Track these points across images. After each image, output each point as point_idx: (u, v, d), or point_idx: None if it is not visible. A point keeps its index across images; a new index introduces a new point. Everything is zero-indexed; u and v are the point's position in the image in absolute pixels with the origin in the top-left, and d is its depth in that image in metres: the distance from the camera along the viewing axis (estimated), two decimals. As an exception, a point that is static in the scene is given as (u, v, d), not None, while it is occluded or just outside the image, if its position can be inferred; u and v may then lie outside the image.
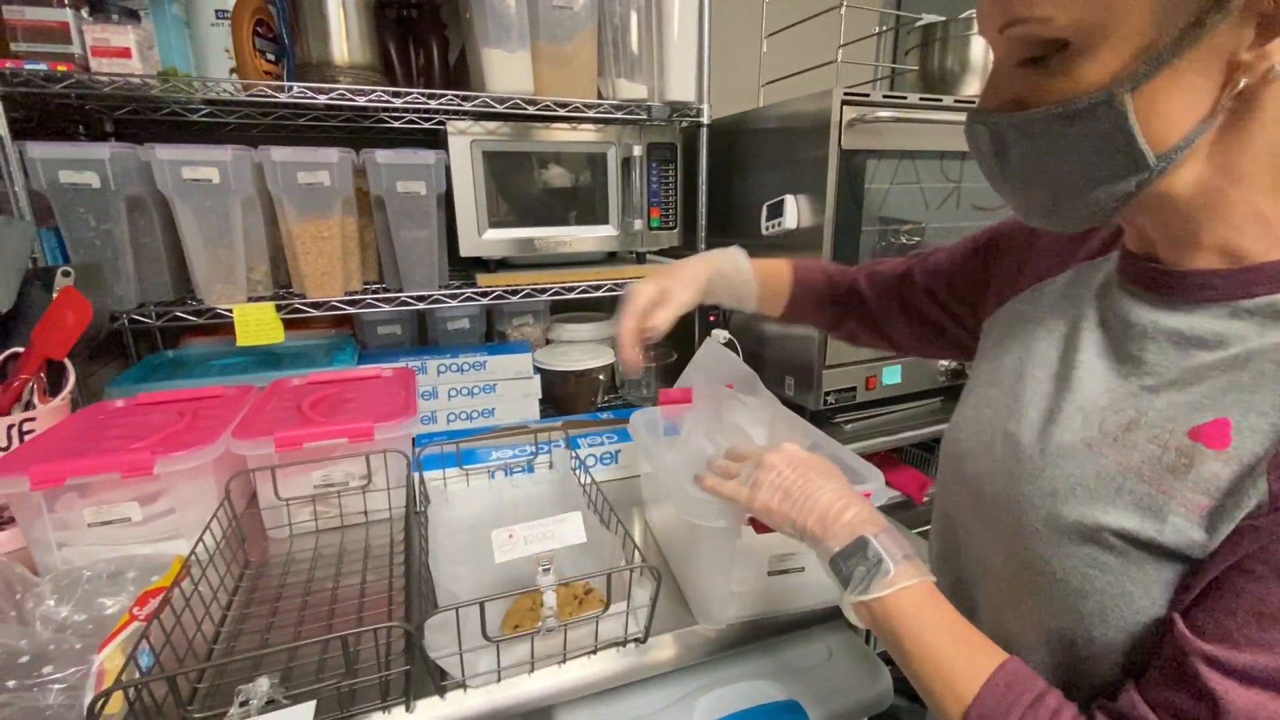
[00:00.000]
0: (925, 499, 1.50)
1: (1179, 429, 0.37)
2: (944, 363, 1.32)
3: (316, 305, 1.11)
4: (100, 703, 0.41)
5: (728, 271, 0.75)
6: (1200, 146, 0.36)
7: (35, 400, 0.78)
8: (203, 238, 1.04)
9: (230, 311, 1.05)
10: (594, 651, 0.57)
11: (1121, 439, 0.39)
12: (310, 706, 0.45)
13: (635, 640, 0.59)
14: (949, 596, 0.45)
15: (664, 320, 0.69)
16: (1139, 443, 0.38)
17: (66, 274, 0.85)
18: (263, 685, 0.46)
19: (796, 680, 0.69)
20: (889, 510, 0.69)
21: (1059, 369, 0.46)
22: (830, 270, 0.78)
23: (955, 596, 0.49)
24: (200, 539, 0.62)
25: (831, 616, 0.70)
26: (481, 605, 0.49)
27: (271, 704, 0.46)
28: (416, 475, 0.80)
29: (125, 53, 0.96)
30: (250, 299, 1.10)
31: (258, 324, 1.06)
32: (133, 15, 1.00)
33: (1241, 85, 0.33)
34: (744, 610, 0.63)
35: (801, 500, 0.49)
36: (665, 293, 0.70)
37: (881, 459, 1.47)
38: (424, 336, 1.48)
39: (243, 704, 0.45)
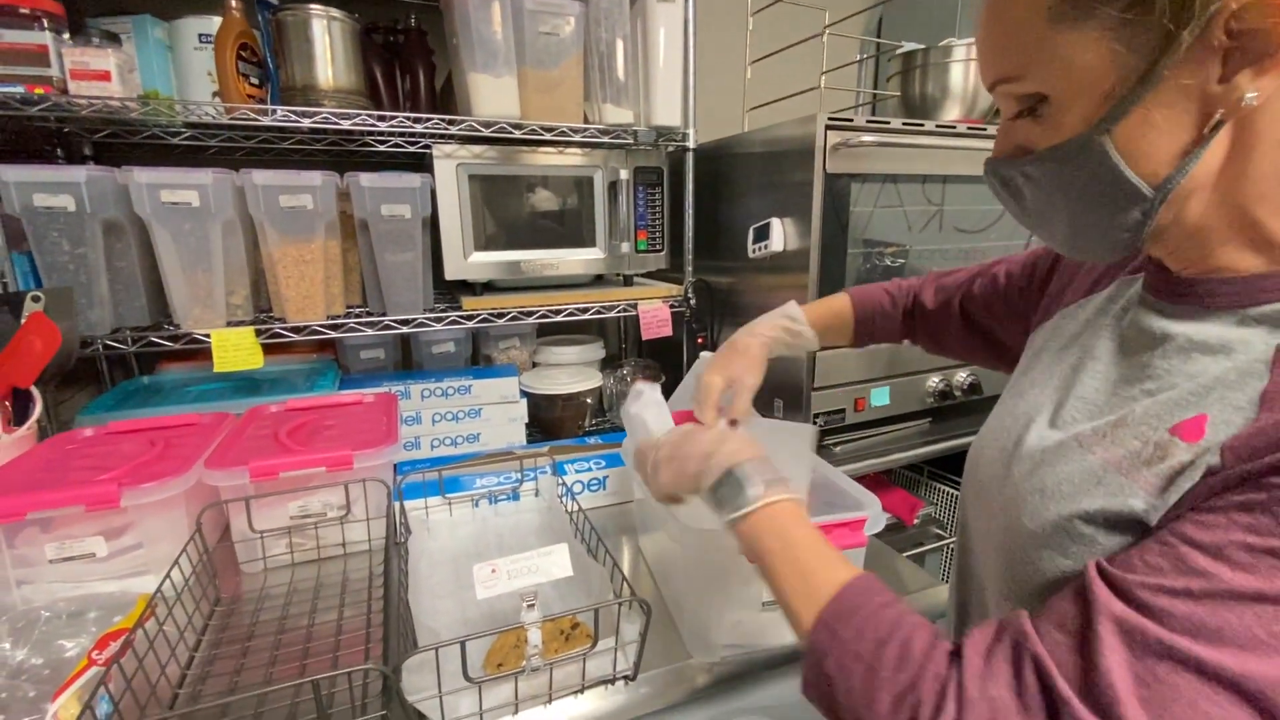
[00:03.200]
0: (916, 521, 1.49)
1: (1162, 425, 0.38)
2: (932, 382, 1.32)
3: (298, 330, 1.09)
4: (50, 758, 0.38)
5: (783, 339, 0.76)
6: (1203, 175, 0.37)
7: (-1, 430, 0.75)
8: (181, 261, 1.02)
9: (208, 336, 1.02)
10: (581, 690, 0.55)
11: (1110, 435, 0.40)
12: None
13: (624, 678, 0.57)
14: (960, 610, 0.44)
15: (742, 410, 0.70)
16: (1124, 439, 0.39)
17: (36, 299, 0.82)
18: None
19: (790, 715, 0.67)
20: (880, 534, 0.68)
21: (1070, 375, 0.47)
22: (891, 290, 0.80)
23: (961, 600, 0.51)
24: (168, 575, 0.59)
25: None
26: (463, 645, 0.47)
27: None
28: (397, 505, 0.77)
29: (105, 76, 0.95)
30: (229, 323, 1.07)
31: (236, 349, 1.03)
32: (113, 39, 0.99)
33: (1219, 115, 0.35)
34: (738, 641, 0.61)
35: (683, 457, 0.52)
36: (734, 381, 0.70)
37: (872, 481, 1.46)
38: (408, 360, 1.46)
39: None
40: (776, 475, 0.48)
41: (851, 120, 1.10)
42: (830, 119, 1.08)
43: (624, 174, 1.26)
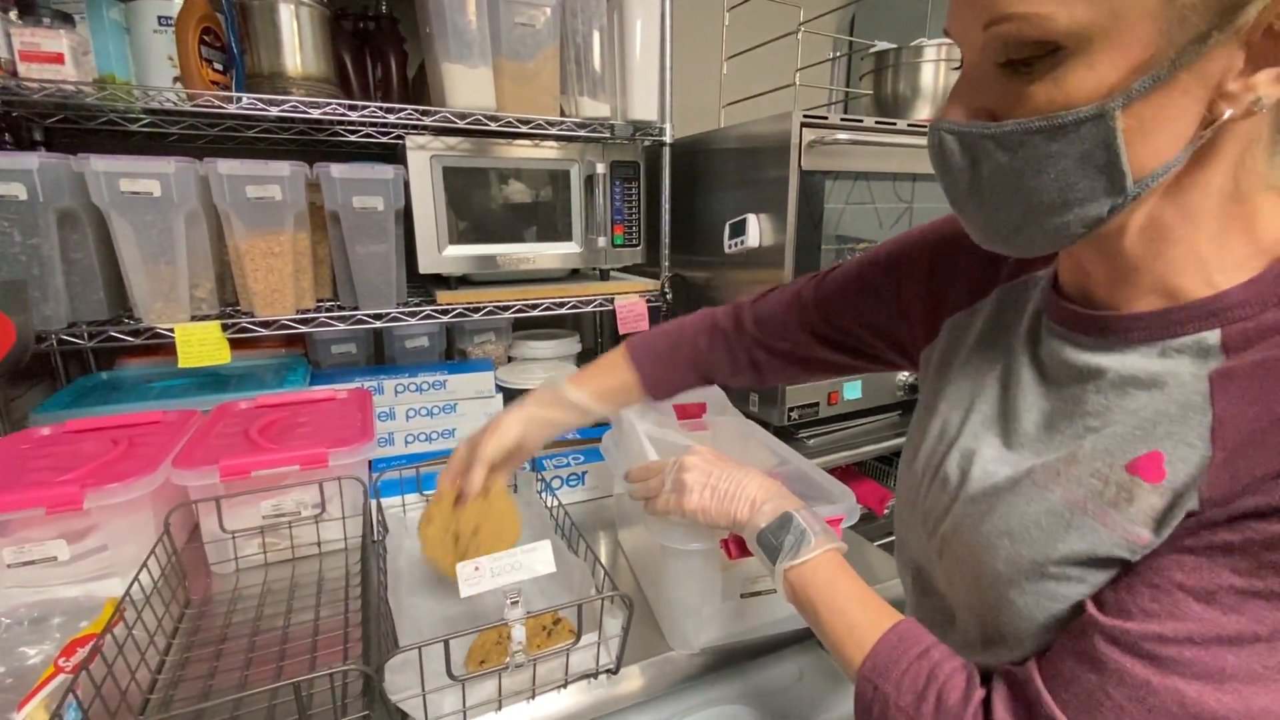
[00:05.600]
0: (886, 511, 1.53)
1: (1117, 463, 0.37)
2: (902, 377, 1.35)
3: (266, 324, 1.06)
4: (18, 770, 0.37)
5: (548, 416, 0.69)
6: (1169, 179, 0.35)
7: (-51, 430, 0.72)
8: (142, 254, 0.99)
9: (172, 331, 0.99)
10: (564, 685, 0.55)
11: (1065, 473, 0.39)
12: None
13: (607, 671, 0.57)
14: (918, 613, 0.46)
15: (475, 483, 0.67)
16: (1082, 477, 0.38)
17: (-13, 292, 0.79)
18: None
19: (769, 702, 0.68)
20: (853, 524, 0.71)
21: (1001, 407, 0.46)
22: (694, 329, 0.72)
23: (930, 616, 0.50)
24: (136, 578, 0.57)
25: (802, 638, 0.70)
26: (446, 643, 0.47)
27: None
28: (374, 503, 0.76)
29: (58, 58, 0.91)
30: (194, 317, 1.04)
31: (202, 344, 1.00)
32: (66, 19, 0.95)
33: (1226, 116, 0.32)
34: (719, 633, 0.62)
35: (732, 494, 0.54)
36: (473, 449, 0.68)
37: (843, 472, 1.49)
38: (380, 355, 1.44)
39: None
40: (823, 525, 0.51)
41: (826, 118, 1.11)
42: (806, 117, 1.09)
43: (600, 168, 1.25)
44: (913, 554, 0.52)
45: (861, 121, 1.15)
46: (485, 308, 1.21)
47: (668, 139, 1.29)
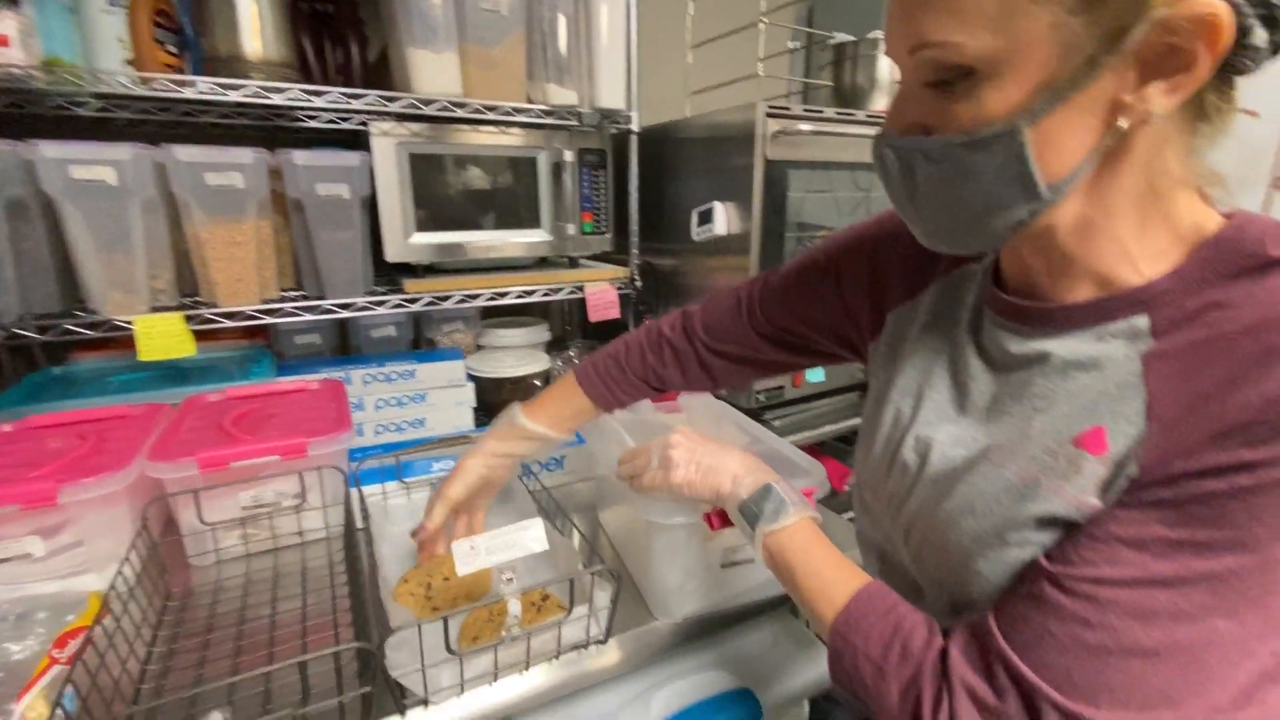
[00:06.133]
0: (846, 488, 1.60)
1: (1065, 439, 0.41)
2: (862, 360, 1.41)
3: (230, 315, 1.04)
4: (26, 757, 0.37)
5: (509, 449, 0.73)
6: (1081, 182, 0.39)
7: (-98, 428, 0.69)
8: (96, 244, 0.95)
9: (130, 324, 0.96)
10: (557, 656, 0.58)
11: (1018, 451, 0.43)
12: None
13: (596, 642, 0.60)
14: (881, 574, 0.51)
15: (434, 519, 0.70)
16: (1034, 454, 0.42)
17: (-65, 285, 0.76)
18: (215, 718, 0.43)
19: (746, 668, 0.72)
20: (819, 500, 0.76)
21: (952, 394, 0.49)
22: (639, 344, 0.75)
23: (890, 579, 0.54)
24: (120, 571, 0.57)
25: (776, 606, 0.74)
26: (445, 620, 0.49)
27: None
28: (355, 491, 0.77)
29: (2, 41, 0.87)
30: (153, 309, 1.01)
31: (164, 336, 0.98)
32: (11, 1, 0.90)
33: (1125, 126, 0.36)
34: (700, 602, 0.66)
35: (715, 469, 0.57)
36: (438, 494, 0.72)
37: (807, 451, 1.55)
38: (345, 345, 1.42)
39: None
40: (800, 495, 0.55)
41: (789, 109, 1.14)
42: (770, 108, 1.12)
43: (568, 155, 1.26)
44: (875, 538, 0.56)
45: (822, 112, 1.19)
46: (455, 296, 1.21)
47: (635, 127, 1.31)
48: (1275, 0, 0.34)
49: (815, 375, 1.35)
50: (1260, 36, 0.35)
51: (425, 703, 0.52)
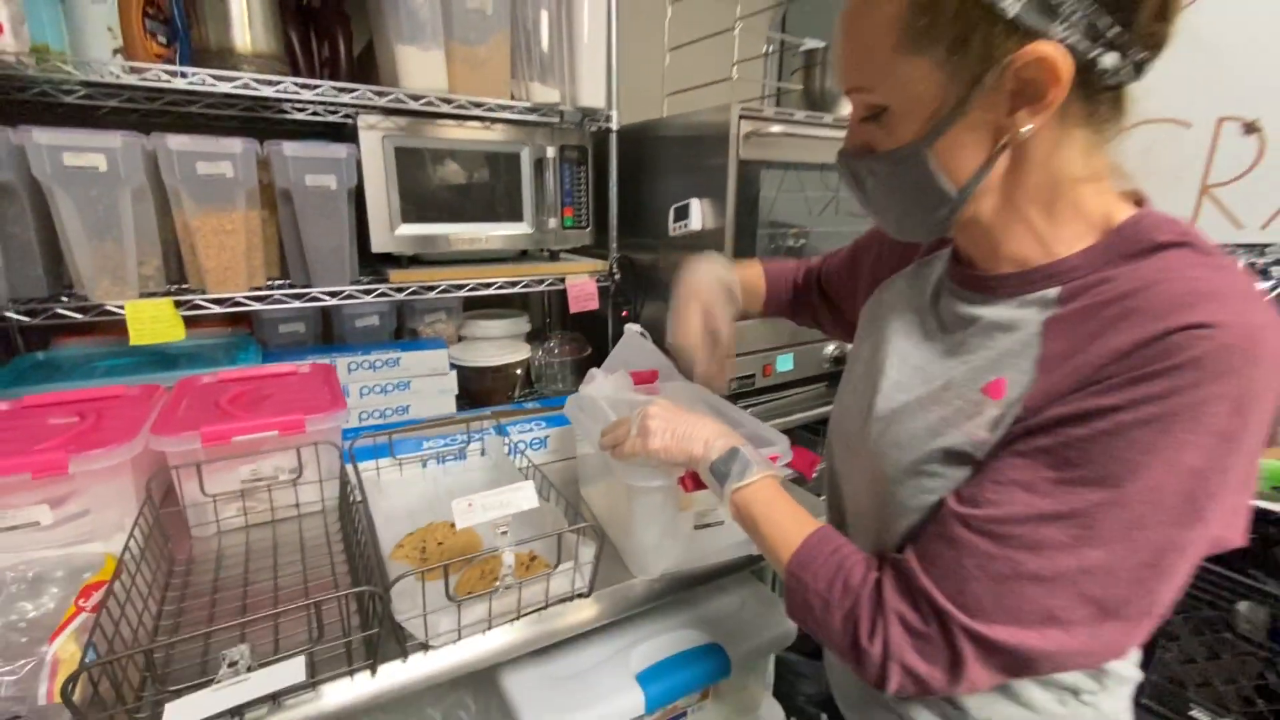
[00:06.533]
0: (814, 475, 1.67)
1: (975, 387, 0.49)
2: (829, 349, 1.49)
3: (219, 302, 1.07)
4: (70, 685, 0.41)
5: (725, 281, 0.87)
6: (993, 183, 0.48)
7: (-96, 404, 0.71)
8: (86, 230, 0.97)
9: (121, 308, 0.98)
10: (545, 607, 0.63)
11: (941, 398, 0.51)
12: (300, 662, 0.48)
13: (580, 595, 0.65)
14: (834, 524, 0.58)
15: (726, 322, 0.82)
16: (951, 399, 0.50)
17: (-66, 266, 0.77)
18: (244, 649, 0.47)
19: (716, 626, 0.78)
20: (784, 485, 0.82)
21: (906, 349, 0.58)
22: (788, 271, 0.92)
23: (835, 523, 0.63)
24: (131, 534, 0.61)
25: (743, 567, 0.80)
26: (445, 568, 0.53)
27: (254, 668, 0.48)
28: (350, 467, 0.81)
29: (-6, 27, 0.88)
30: (142, 295, 1.04)
31: (155, 321, 1.00)
32: (1, -13, 0.92)
33: (1004, 140, 0.45)
34: (674, 562, 0.72)
35: (689, 435, 0.63)
36: (709, 305, 0.83)
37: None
38: (329, 334, 1.44)
39: (231, 664, 0.46)
40: (763, 458, 0.62)
41: (761, 111, 1.21)
42: (743, 110, 1.18)
43: (550, 152, 1.31)
44: (835, 466, 0.65)
45: (793, 115, 1.26)
46: (440, 286, 1.25)
47: (614, 125, 1.36)
48: (1108, 36, 0.42)
49: (784, 364, 1.42)
50: (1111, 61, 0.42)
51: (425, 647, 0.57)
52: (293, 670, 0.47)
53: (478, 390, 1.39)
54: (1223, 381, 0.38)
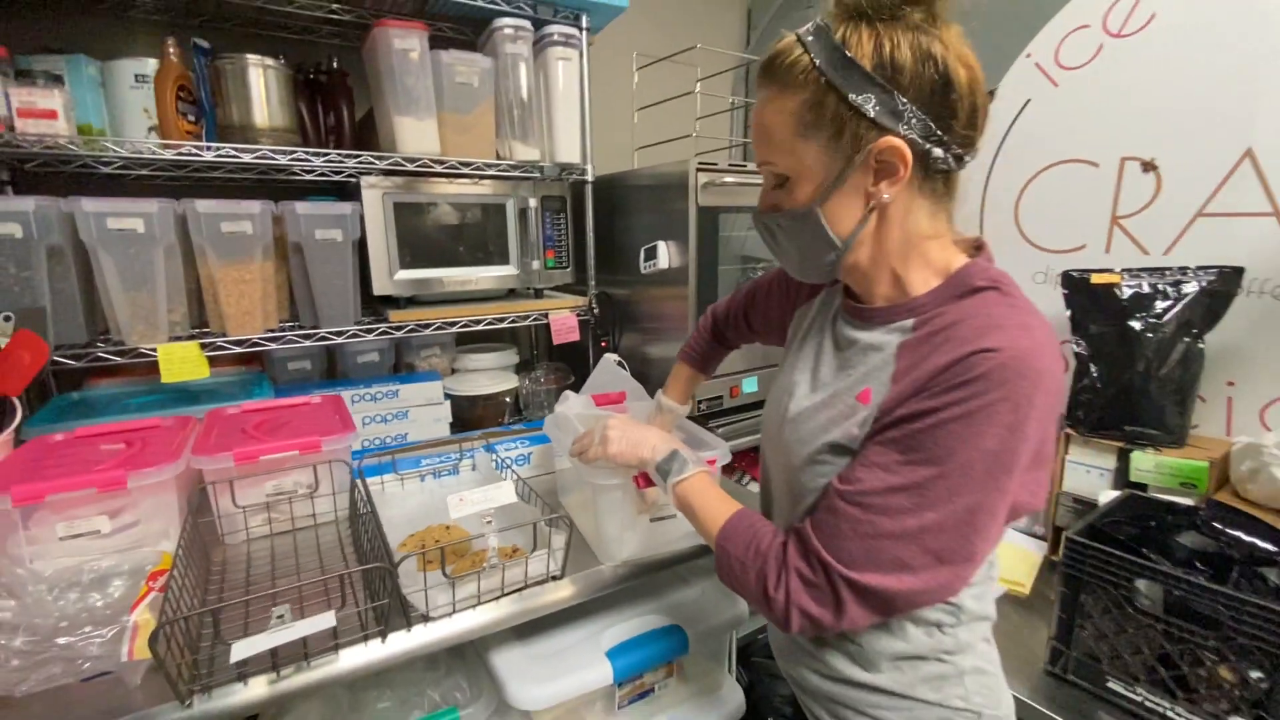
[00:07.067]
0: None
1: (851, 395, 0.63)
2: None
3: (239, 343, 1.21)
4: (154, 639, 0.54)
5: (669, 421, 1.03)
6: (866, 237, 0.62)
7: (-18, 436, 0.84)
8: (123, 283, 1.12)
9: (154, 351, 1.12)
10: (524, 587, 0.76)
11: (829, 404, 0.65)
12: (330, 614, 0.60)
13: (554, 577, 0.78)
14: (764, 508, 0.71)
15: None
16: (836, 405, 0.64)
17: (8, 319, 0.91)
18: (285, 608, 0.60)
19: (677, 611, 0.91)
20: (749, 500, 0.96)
21: (814, 365, 0.72)
22: (703, 338, 1.05)
23: (764, 505, 0.77)
24: (182, 537, 0.73)
25: (695, 557, 0.93)
26: (442, 550, 0.66)
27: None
28: (359, 481, 0.94)
29: (52, 114, 1.04)
30: (171, 339, 1.17)
31: (183, 361, 1.14)
32: (57, 80, 1.08)
33: (872, 204, 0.60)
34: (635, 550, 0.84)
35: (638, 442, 0.78)
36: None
37: (746, 455, 1.75)
38: (333, 370, 1.58)
39: (279, 617, 0.58)
40: (698, 458, 0.76)
41: (717, 164, 1.38)
42: (700, 163, 1.35)
43: (532, 202, 1.47)
44: (764, 461, 0.78)
45: (745, 166, 1.42)
46: (435, 324, 1.39)
47: (589, 178, 1.53)
48: (936, 135, 0.58)
49: (750, 386, 1.56)
50: (939, 153, 0.59)
51: (426, 619, 0.69)
52: (325, 620, 0.59)
53: (470, 418, 1.52)
54: (1003, 389, 0.53)
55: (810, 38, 0.59)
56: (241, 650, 0.54)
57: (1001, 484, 0.55)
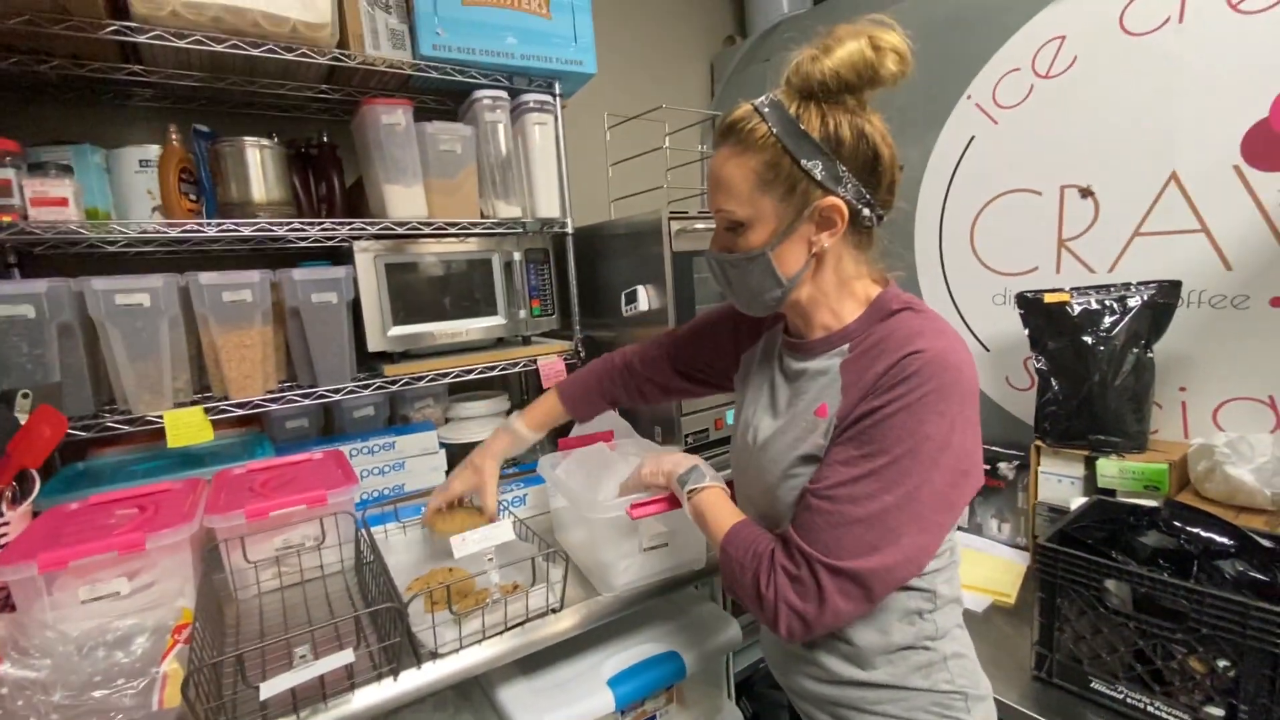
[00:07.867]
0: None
1: (810, 413, 0.72)
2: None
3: (241, 405, 1.26)
4: (185, 686, 0.58)
5: (508, 448, 1.10)
6: (807, 278, 0.72)
7: (3, 508, 0.88)
8: (130, 355, 1.17)
9: (160, 418, 1.17)
10: (526, 620, 0.80)
11: (792, 425, 0.74)
12: (349, 652, 0.64)
13: (553, 610, 0.83)
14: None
15: (490, 509, 1.01)
16: (798, 424, 0.73)
17: (25, 395, 0.96)
18: (306, 648, 0.64)
19: (675, 637, 0.95)
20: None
21: (769, 399, 0.81)
22: (596, 375, 1.11)
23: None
24: (198, 595, 0.77)
25: (687, 582, 0.97)
26: (448, 589, 0.71)
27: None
28: (364, 531, 0.98)
29: (63, 202, 1.11)
30: (176, 405, 1.22)
31: (188, 426, 1.18)
32: (67, 169, 1.15)
33: (815, 249, 0.70)
34: (631, 577, 0.89)
35: (665, 464, 0.87)
36: (477, 489, 1.04)
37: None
38: (330, 426, 1.62)
39: (301, 657, 0.62)
40: (714, 473, 0.84)
41: (687, 211, 1.47)
42: (672, 212, 1.44)
43: (517, 255, 1.55)
44: (741, 489, 0.85)
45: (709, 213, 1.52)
46: (428, 376, 1.45)
47: (569, 230, 1.61)
48: (865, 198, 0.69)
49: (732, 418, 1.62)
50: (866, 212, 0.69)
51: (435, 655, 0.73)
52: (344, 656, 0.64)
53: (466, 465, 1.56)
54: (931, 382, 0.63)
55: (766, 109, 0.69)
56: (270, 689, 0.59)
57: (942, 461, 0.63)
